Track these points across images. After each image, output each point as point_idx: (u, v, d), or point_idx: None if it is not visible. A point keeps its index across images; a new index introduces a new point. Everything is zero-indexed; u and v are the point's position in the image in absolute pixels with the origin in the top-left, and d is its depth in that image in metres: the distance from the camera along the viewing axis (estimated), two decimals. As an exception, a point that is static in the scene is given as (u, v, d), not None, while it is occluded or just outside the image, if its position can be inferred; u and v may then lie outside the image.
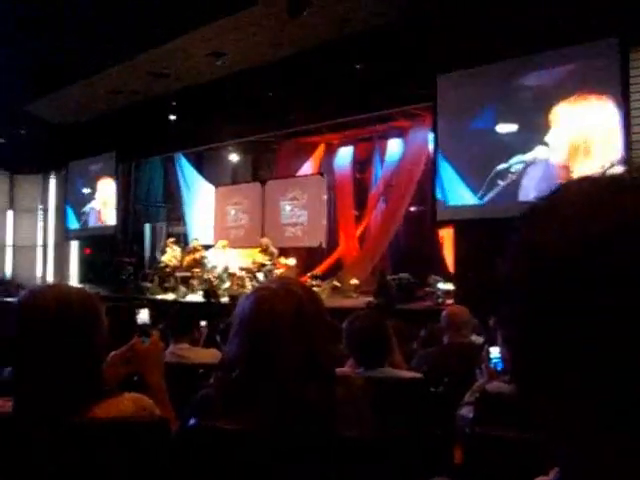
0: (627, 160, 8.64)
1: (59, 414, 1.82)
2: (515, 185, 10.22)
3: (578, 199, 0.65)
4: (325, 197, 16.60)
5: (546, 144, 9.86)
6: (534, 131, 10.01)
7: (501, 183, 10.37)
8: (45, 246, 21.79)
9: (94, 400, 1.91)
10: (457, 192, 10.90)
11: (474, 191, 10.66)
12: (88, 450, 1.82)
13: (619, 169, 0.66)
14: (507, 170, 10.31)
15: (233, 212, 18.82)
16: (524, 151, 10.13)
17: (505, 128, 10.40)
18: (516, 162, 10.22)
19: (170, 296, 15.15)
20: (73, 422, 1.84)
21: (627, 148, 8.92)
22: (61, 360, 1.84)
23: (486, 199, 10.53)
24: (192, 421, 1.82)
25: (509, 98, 10.33)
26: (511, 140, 10.32)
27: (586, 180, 0.67)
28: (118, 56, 13.41)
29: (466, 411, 3.22)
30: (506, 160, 10.33)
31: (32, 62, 13.70)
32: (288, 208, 17.34)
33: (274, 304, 1.85)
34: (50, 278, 20.84)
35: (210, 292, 13.54)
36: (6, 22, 12.54)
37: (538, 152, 9.97)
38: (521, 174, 10.16)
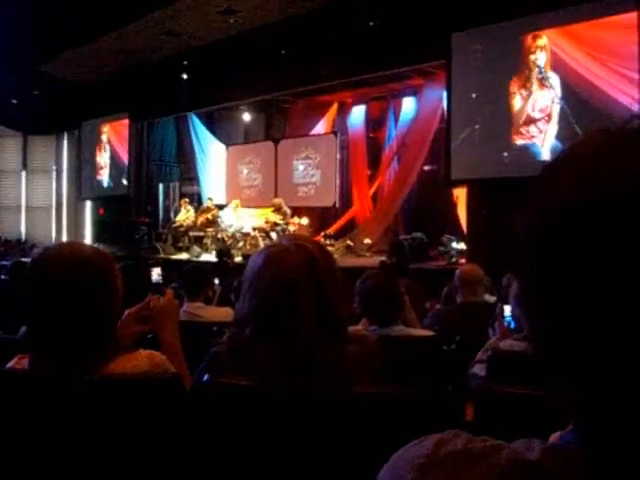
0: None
1: (74, 371, 1.84)
2: (531, 144, 10.14)
3: (591, 152, 0.65)
4: (338, 156, 16.55)
5: (562, 102, 9.75)
6: (550, 89, 9.90)
7: (517, 142, 10.29)
8: (59, 207, 21.87)
9: (109, 357, 1.92)
10: (470, 151, 10.83)
11: (488, 151, 10.58)
12: (102, 406, 1.84)
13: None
14: (521, 130, 10.23)
15: (246, 171, 18.80)
16: (539, 109, 10.04)
17: (517, 89, 10.28)
18: (531, 120, 10.14)
19: (184, 256, 15.22)
20: (88, 378, 1.86)
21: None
22: (75, 317, 1.85)
23: (502, 158, 10.46)
24: (205, 377, 1.83)
25: (524, 56, 10.20)
26: (522, 101, 10.21)
27: (598, 133, 0.67)
28: (130, 15, 13.31)
29: (478, 369, 3.23)
30: (520, 119, 10.24)
31: (44, 22, 13.61)
32: (301, 167, 17.31)
33: (286, 261, 1.84)
34: (64, 238, 20.95)
35: (224, 251, 13.57)
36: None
37: (554, 110, 9.88)
38: (536, 133, 10.08)
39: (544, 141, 9.98)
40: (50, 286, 1.85)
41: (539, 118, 10.07)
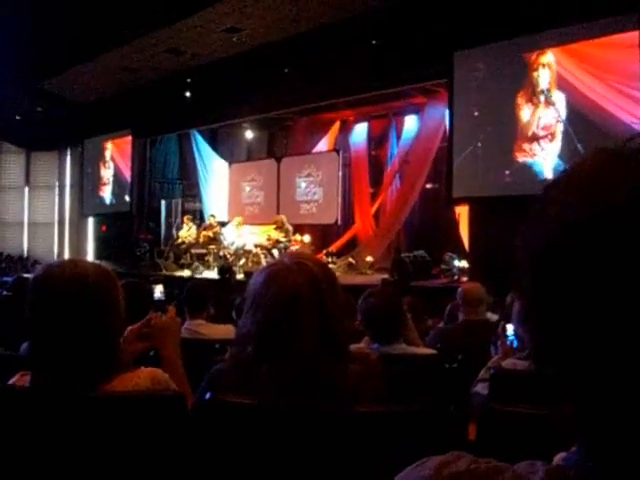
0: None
1: (76, 388, 1.84)
2: (533, 162, 10.15)
3: (593, 170, 0.65)
4: (340, 174, 16.58)
5: (566, 121, 9.77)
6: (554, 108, 9.92)
7: (519, 160, 10.30)
8: (62, 223, 21.89)
9: (111, 375, 1.92)
10: (472, 169, 10.84)
11: (490, 169, 10.60)
12: (104, 424, 1.83)
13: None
14: (524, 148, 10.25)
15: (248, 189, 18.84)
16: (542, 127, 10.06)
17: (522, 105, 10.31)
18: (534, 138, 10.16)
19: (186, 273, 15.21)
20: (89, 396, 1.85)
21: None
22: (77, 335, 1.85)
23: (504, 176, 10.47)
24: (207, 395, 1.83)
25: (528, 73, 10.23)
26: (527, 117, 10.23)
27: (600, 152, 0.67)
28: (134, 33, 13.38)
29: (480, 387, 3.22)
30: (523, 138, 10.26)
31: (49, 39, 13.69)
32: (303, 185, 17.33)
33: (288, 279, 1.85)
34: (66, 255, 20.95)
35: (225, 269, 13.56)
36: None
37: (557, 129, 9.89)
38: (539, 151, 10.09)
39: (546, 159, 9.99)
40: (52, 303, 1.85)
41: (542, 136, 10.08)
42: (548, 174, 9.89)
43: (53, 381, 1.85)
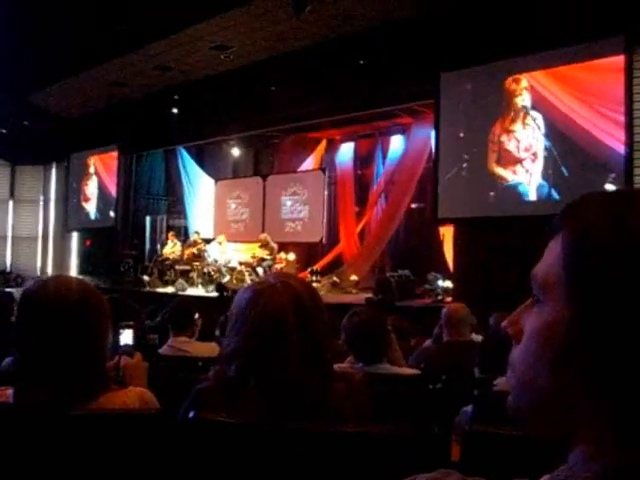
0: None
1: (60, 405, 1.82)
2: (518, 183, 10.20)
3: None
4: (326, 193, 16.62)
5: (547, 142, 9.84)
6: (534, 128, 10.00)
7: (503, 182, 10.36)
8: (45, 237, 21.77)
9: (98, 392, 1.91)
10: (457, 190, 10.89)
11: (475, 190, 10.65)
12: (84, 442, 1.82)
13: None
14: (508, 169, 10.31)
15: (234, 206, 18.84)
16: (524, 149, 10.13)
17: (505, 126, 10.38)
18: (517, 160, 10.22)
19: (169, 289, 15.15)
20: (72, 414, 1.84)
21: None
22: (64, 351, 1.84)
23: (488, 197, 10.52)
24: (191, 414, 1.82)
25: (509, 97, 10.32)
26: (510, 138, 10.31)
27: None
28: (121, 48, 13.39)
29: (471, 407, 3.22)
30: (507, 159, 10.32)
31: (35, 53, 13.68)
32: (289, 203, 17.36)
33: (273, 298, 1.85)
34: (50, 269, 20.84)
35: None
36: (9, 12, 12.53)
37: (539, 149, 9.96)
38: (522, 172, 10.15)
39: (530, 180, 10.05)
40: (42, 319, 1.85)
41: (525, 157, 10.14)
42: (532, 195, 9.96)
43: (37, 397, 1.83)
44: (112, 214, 18.90)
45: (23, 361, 1.92)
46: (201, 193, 19.60)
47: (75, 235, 20.91)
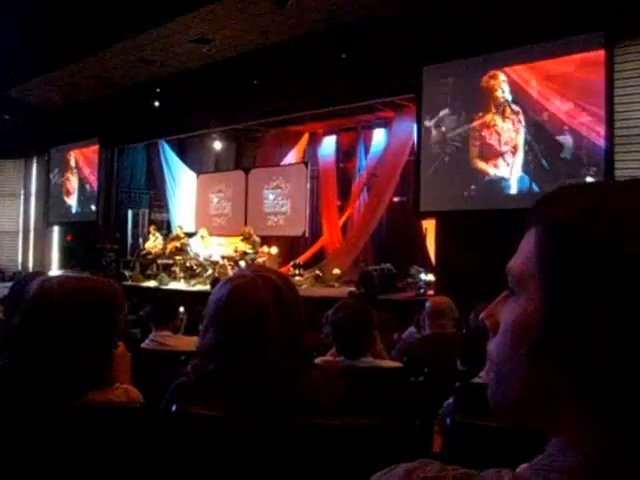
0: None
1: (54, 400, 1.82)
2: (499, 177, 10.24)
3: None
4: (308, 186, 16.62)
5: (527, 135, 9.89)
6: (513, 121, 10.04)
7: (484, 175, 10.39)
8: (26, 231, 21.61)
9: (92, 388, 1.91)
10: (439, 183, 10.91)
11: (457, 183, 10.68)
12: (70, 436, 1.82)
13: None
14: (489, 163, 10.34)
15: (216, 200, 18.80)
16: (504, 142, 10.16)
17: (486, 120, 10.42)
18: (498, 154, 10.25)
19: (152, 283, 15.10)
20: (56, 410, 1.84)
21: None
22: (63, 352, 1.84)
23: (470, 191, 10.55)
24: (174, 407, 1.82)
25: (489, 92, 10.36)
26: (491, 132, 10.34)
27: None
28: (103, 41, 13.30)
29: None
30: (488, 152, 10.36)
31: (16, 46, 13.56)
32: (271, 197, 17.34)
33: (253, 292, 1.85)
34: (31, 264, 20.70)
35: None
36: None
37: (519, 142, 9.99)
38: (504, 166, 10.19)
39: (511, 174, 10.09)
40: (44, 318, 1.84)
41: (505, 151, 10.18)
42: (513, 189, 10.00)
43: (31, 393, 1.83)
44: (93, 208, 18.77)
45: (24, 357, 1.91)
46: (183, 187, 19.53)
47: (56, 229, 20.76)
